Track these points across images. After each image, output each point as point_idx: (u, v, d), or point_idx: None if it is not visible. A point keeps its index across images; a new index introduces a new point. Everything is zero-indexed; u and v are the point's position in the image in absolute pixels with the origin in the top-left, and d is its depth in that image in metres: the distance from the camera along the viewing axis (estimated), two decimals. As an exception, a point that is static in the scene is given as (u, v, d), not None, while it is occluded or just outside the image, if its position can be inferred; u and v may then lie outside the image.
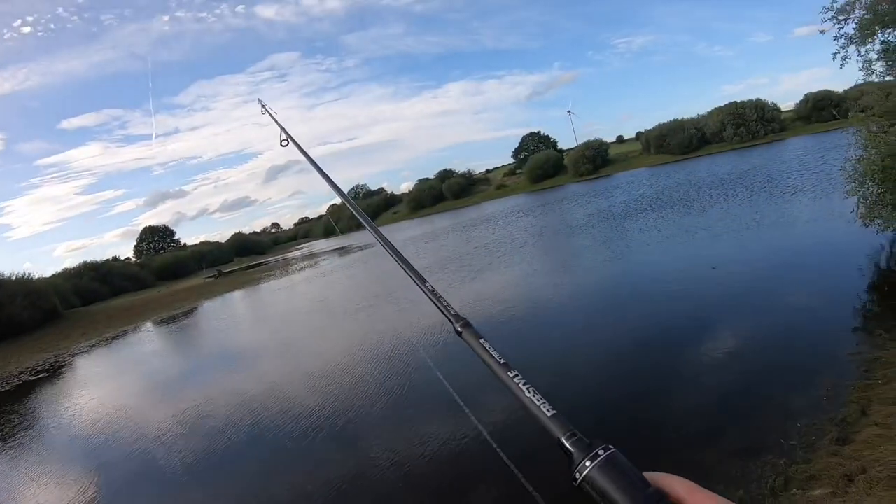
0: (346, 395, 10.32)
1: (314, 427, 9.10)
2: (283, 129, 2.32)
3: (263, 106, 2.94)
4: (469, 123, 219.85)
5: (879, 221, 9.42)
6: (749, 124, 58.25)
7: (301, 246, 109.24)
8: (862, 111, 10.04)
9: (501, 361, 0.76)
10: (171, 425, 11.17)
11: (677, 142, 62.64)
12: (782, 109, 61.50)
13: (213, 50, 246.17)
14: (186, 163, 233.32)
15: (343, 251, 55.44)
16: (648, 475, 0.60)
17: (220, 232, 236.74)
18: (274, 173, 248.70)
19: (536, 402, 0.68)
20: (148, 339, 27.87)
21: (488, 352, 0.79)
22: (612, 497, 0.56)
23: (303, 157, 2.30)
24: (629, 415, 7.13)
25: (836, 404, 5.97)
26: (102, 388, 17.68)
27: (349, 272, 35.48)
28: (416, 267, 1.13)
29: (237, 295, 38.37)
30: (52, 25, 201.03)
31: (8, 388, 21.19)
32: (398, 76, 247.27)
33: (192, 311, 34.79)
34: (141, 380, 17.67)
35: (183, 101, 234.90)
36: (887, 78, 9.43)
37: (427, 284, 1.03)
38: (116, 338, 29.77)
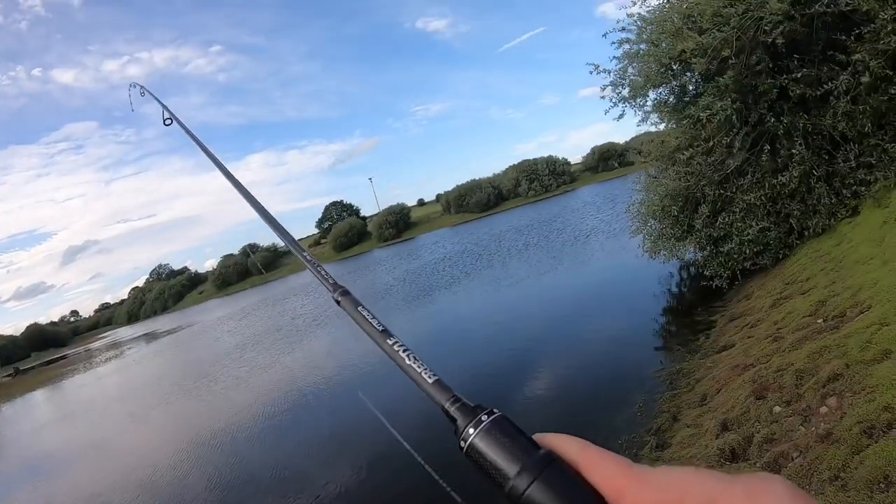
0: (161, 492, 9.25)
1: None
2: (164, 107, 2.05)
3: (142, 87, 2.60)
4: (272, 195, 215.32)
5: (664, 253, 10.45)
6: (542, 178, 63.21)
7: (104, 334, 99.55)
8: (640, 155, 11.27)
9: (381, 329, 0.72)
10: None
11: (476, 200, 65.35)
12: (571, 162, 67.83)
13: (5, 117, 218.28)
14: None
15: (150, 337, 51.51)
16: (538, 437, 0.54)
17: (13, 323, 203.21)
18: (72, 255, 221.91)
19: (417, 368, 0.65)
20: None
21: (367, 320, 0.74)
22: (499, 462, 0.51)
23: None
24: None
25: (649, 417, 6.21)
26: None
27: (159, 360, 32.54)
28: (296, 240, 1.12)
29: (39, 395, 34.38)
30: None
31: None
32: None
33: None
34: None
35: None
36: (660, 127, 10.74)
37: (305, 254, 1.02)
38: None
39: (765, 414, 4.71)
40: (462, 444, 0.55)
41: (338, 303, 0.83)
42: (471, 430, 0.55)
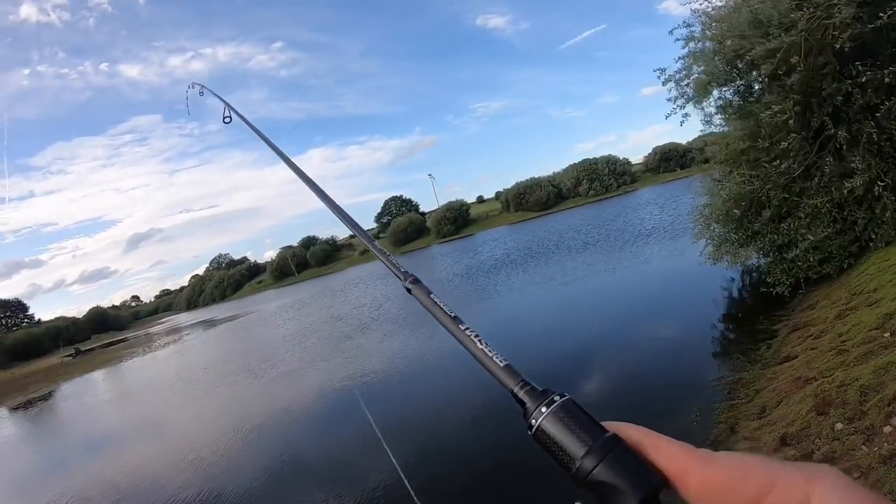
0: (216, 473, 9.59)
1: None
2: (227, 104, 2.13)
3: (202, 86, 2.72)
4: (332, 189, 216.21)
5: (727, 258, 10.23)
6: (602, 178, 62.45)
7: (164, 319, 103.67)
8: (706, 161, 11.03)
9: (452, 315, 0.74)
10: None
11: (535, 199, 65.35)
12: (632, 163, 66.84)
13: (73, 109, 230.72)
14: (41, 230, 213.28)
15: (208, 324, 53.26)
16: (605, 423, 0.57)
17: (76, 306, 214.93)
18: (135, 242, 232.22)
19: (488, 353, 0.67)
20: (3, 427, 25.04)
21: (439, 306, 0.77)
22: (567, 443, 0.54)
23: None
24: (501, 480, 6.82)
25: (706, 427, 6.16)
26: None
27: (216, 345, 33.93)
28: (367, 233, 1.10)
29: (98, 375, 35.64)
30: None
31: None
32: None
33: (51, 394, 32.20)
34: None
35: (39, 163, 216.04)
36: (725, 129, 10.49)
37: (375, 244, 1.02)
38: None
39: (826, 430, 4.65)
40: (532, 422, 0.58)
41: (409, 291, 0.85)
42: (543, 410, 0.58)
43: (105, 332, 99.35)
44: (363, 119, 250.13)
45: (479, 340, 0.69)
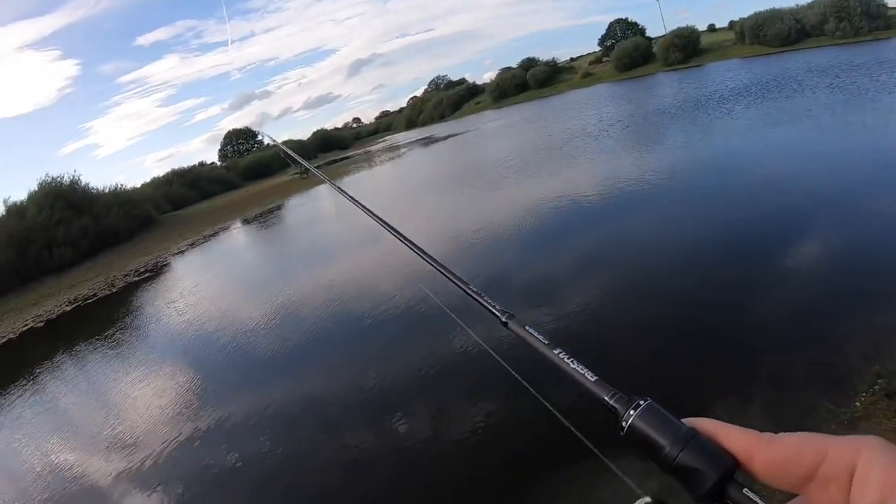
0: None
1: (405, 319, 9.15)
2: (308, 166, 2.50)
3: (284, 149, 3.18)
4: (551, 11, 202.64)
5: None
6: (853, 19, 51.51)
7: (384, 139, 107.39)
8: None
9: (546, 342, 0.82)
10: (266, 318, 11.60)
11: (774, 33, 56.40)
12: (889, 6, 54.29)
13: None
14: (264, 65, 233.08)
15: (426, 141, 55.02)
16: (683, 419, 0.65)
17: (302, 130, 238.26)
18: (357, 67, 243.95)
19: (580, 370, 0.75)
20: (241, 236, 28.99)
21: (533, 336, 0.84)
22: (653, 438, 0.63)
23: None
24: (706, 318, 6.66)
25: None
26: (204, 284, 18.11)
27: (431, 161, 36.32)
28: (458, 273, 1.13)
29: (323, 189, 37.80)
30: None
31: (115, 290, 21.70)
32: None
33: (280, 206, 35.31)
34: (237, 274, 18.65)
35: (256, 5, 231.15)
36: None
37: (471, 287, 1.06)
38: (213, 235, 30.33)
39: None
40: (623, 424, 0.66)
41: (505, 325, 0.92)
42: (631, 412, 0.66)
43: (329, 151, 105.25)
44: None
45: (572, 360, 0.77)
